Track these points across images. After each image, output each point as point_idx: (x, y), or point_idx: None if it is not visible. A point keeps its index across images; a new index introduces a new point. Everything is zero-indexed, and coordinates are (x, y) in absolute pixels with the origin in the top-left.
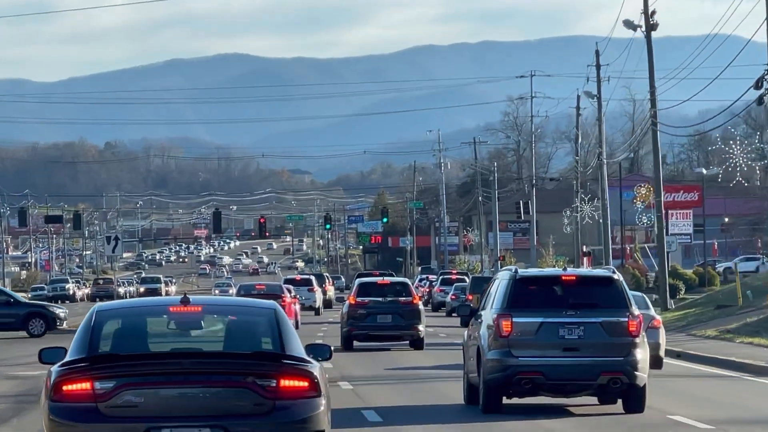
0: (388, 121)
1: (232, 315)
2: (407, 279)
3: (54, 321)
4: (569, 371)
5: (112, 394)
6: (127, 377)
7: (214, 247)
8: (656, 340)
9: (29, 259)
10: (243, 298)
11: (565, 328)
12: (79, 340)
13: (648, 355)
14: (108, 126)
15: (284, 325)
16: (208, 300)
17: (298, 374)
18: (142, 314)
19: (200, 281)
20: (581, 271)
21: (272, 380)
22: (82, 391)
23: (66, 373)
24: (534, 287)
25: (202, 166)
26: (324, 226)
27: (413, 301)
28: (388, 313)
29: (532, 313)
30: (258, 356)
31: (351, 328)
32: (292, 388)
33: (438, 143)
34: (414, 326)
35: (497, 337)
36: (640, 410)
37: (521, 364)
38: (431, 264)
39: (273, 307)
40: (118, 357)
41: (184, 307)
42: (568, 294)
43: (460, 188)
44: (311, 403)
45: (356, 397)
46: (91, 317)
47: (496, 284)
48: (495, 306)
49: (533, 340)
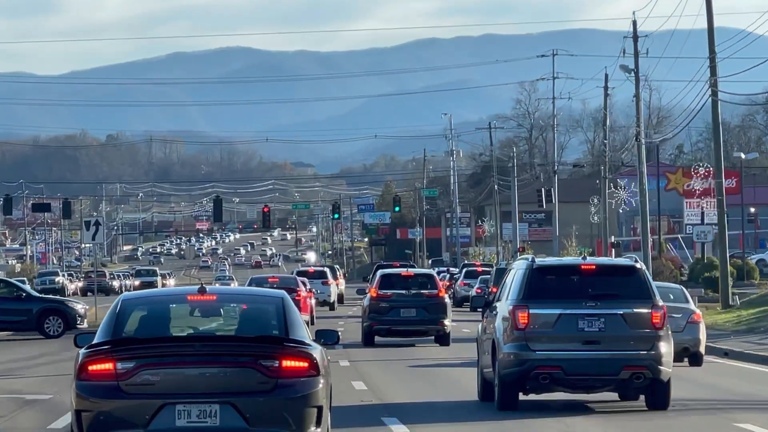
0: (391, 115)
1: (244, 303)
2: (432, 270)
3: (74, 318)
4: (589, 365)
5: (131, 373)
6: (146, 358)
7: (216, 239)
8: (696, 336)
9: (26, 252)
10: (255, 288)
11: (585, 320)
12: (105, 326)
13: (672, 348)
14: (110, 119)
15: (290, 312)
16: (223, 290)
17: (299, 356)
18: (163, 302)
19: (201, 274)
20: (602, 259)
21: (275, 361)
22: (105, 371)
23: (91, 355)
24: (552, 277)
25: (205, 159)
26: (332, 216)
27: (439, 294)
28: (412, 307)
29: (550, 304)
30: (263, 340)
31: (372, 322)
32: (293, 368)
33: (450, 129)
34: (440, 321)
35: (513, 330)
36: (664, 407)
37: (539, 358)
38: (442, 256)
39: (281, 296)
40: (137, 340)
41: (201, 296)
42: (588, 284)
43: (470, 178)
44: (311, 381)
45: (371, 393)
46: (116, 305)
47: (512, 274)
48: (511, 297)
49: (551, 333)
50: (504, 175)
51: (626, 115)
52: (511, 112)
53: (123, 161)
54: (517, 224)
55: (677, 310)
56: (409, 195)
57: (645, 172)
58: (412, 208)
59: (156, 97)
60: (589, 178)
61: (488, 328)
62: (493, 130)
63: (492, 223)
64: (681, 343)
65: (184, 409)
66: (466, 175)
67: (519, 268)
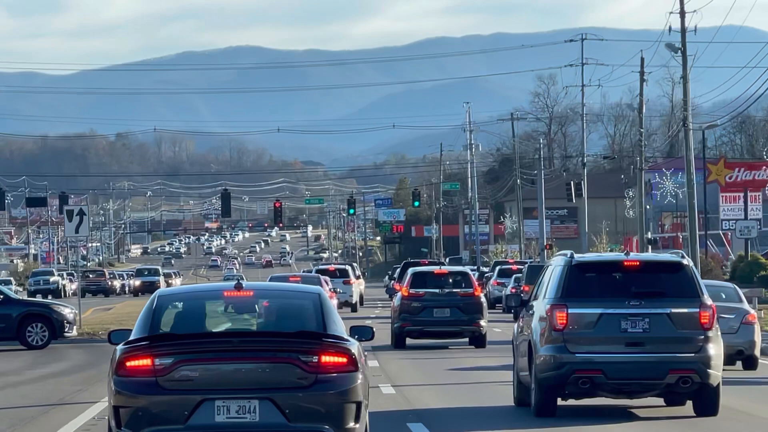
0: (402, 113)
1: (280, 299)
2: (467, 268)
3: (60, 326)
4: (633, 369)
5: (170, 369)
6: (184, 354)
7: (225, 238)
8: (751, 338)
9: (31, 251)
10: (291, 284)
11: (628, 320)
12: (142, 322)
13: (722, 350)
14: (119, 118)
15: (327, 307)
16: (260, 286)
17: (338, 351)
18: (199, 298)
19: (210, 273)
20: (646, 255)
21: (314, 356)
22: (144, 367)
23: (129, 351)
24: (592, 274)
25: (214, 158)
26: (347, 211)
27: (474, 294)
28: (445, 307)
29: (590, 303)
30: (301, 335)
31: (404, 323)
32: (332, 364)
33: (468, 121)
34: (475, 321)
35: (551, 331)
36: (713, 413)
37: (578, 360)
38: (461, 255)
39: (317, 292)
40: (175, 336)
41: (238, 292)
42: (631, 281)
43: (487, 174)
44: (350, 376)
45: (400, 397)
46: (153, 301)
47: (550, 271)
48: (548, 295)
49: (592, 334)
50: (524, 169)
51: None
52: (529, 106)
53: (132, 160)
54: (543, 220)
55: (730, 310)
56: (425, 190)
57: (693, 161)
58: (428, 205)
59: (166, 96)
60: (610, 173)
61: (524, 329)
62: (521, 118)
63: (514, 220)
64: (734, 345)
65: (223, 404)
66: (483, 171)
67: (557, 264)
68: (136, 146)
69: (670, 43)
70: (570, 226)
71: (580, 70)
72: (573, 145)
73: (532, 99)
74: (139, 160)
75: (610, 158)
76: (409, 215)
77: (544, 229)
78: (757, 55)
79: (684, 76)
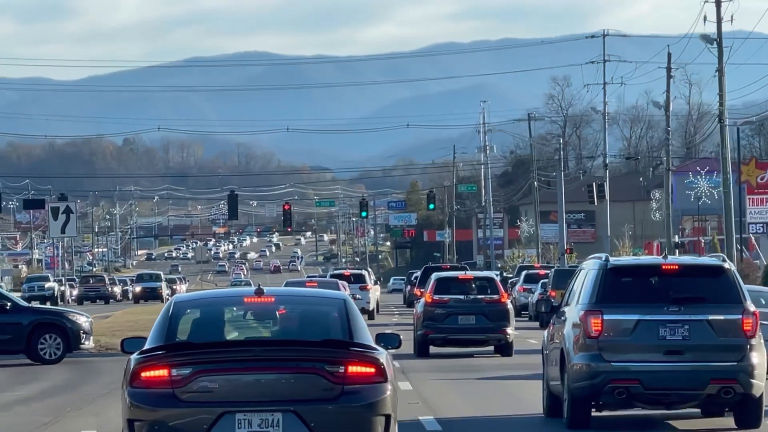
0: (410, 119)
1: (304, 305)
2: (493, 273)
3: (76, 337)
4: (672, 378)
5: (188, 380)
6: (203, 364)
7: (233, 243)
8: None
9: (35, 256)
10: (315, 289)
11: (666, 327)
12: (157, 330)
13: (765, 359)
14: (127, 124)
15: (353, 314)
16: (282, 291)
17: (366, 361)
18: (218, 304)
19: (217, 279)
20: (685, 259)
21: (340, 366)
22: (160, 378)
23: (144, 361)
24: (629, 278)
25: (222, 163)
26: (360, 214)
27: (501, 300)
28: (471, 314)
29: (627, 309)
30: (327, 344)
31: (427, 330)
32: (359, 374)
33: (482, 121)
34: (501, 329)
35: (585, 338)
36: (756, 425)
37: (614, 369)
38: (475, 259)
39: (343, 298)
40: (194, 345)
41: (258, 298)
42: (670, 286)
43: (500, 178)
44: (378, 388)
45: (424, 407)
46: (169, 308)
47: (583, 275)
48: (582, 301)
49: (628, 342)
50: (540, 171)
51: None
52: (543, 108)
53: (140, 165)
54: (564, 223)
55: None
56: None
57: (729, 158)
58: (440, 209)
59: (174, 101)
60: (626, 176)
61: (555, 336)
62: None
63: (531, 223)
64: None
65: (244, 418)
66: (496, 174)
67: (590, 268)
68: (144, 151)
69: (705, 34)
70: (587, 230)
71: (595, 71)
72: (588, 147)
73: (546, 101)
74: (147, 165)
75: (634, 159)
76: (421, 219)
77: (564, 233)
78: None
79: (719, 69)
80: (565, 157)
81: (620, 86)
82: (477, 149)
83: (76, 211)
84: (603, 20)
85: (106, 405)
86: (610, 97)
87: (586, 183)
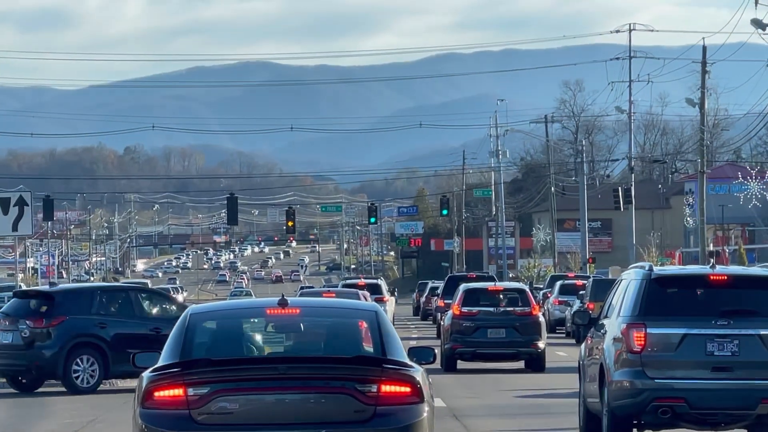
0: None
1: (332, 317)
2: (524, 285)
3: None
4: (720, 397)
5: (206, 400)
6: (222, 383)
7: (234, 252)
8: None
9: (29, 264)
10: (344, 300)
11: (714, 341)
12: (172, 344)
13: None
14: (130, 133)
15: (386, 328)
16: (307, 302)
17: (400, 379)
18: (238, 317)
19: (218, 288)
20: (734, 269)
21: (373, 385)
22: (175, 398)
23: (158, 379)
24: (674, 289)
25: (224, 172)
26: (369, 220)
27: (532, 312)
28: (501, 327)
29: (672, 323)
30: (358, 360)
31: (455, 344)
32: (393, 394)
33: (495, 124)
34: (533, 343)
35: (627, 353)
36: None
37: (658, 387)
38: (487, 270)
39: (374, 309)
40: (212, 362)
41: (282, 310)
42: (718, 298)
43: (510, 185)
44: (414, 409)
45: (460, 426)
46: (184, 320)
47: (624, 286)
48: (624, 313)
49: (674, 357)
50: (547, 179)
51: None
52: (556, 113)
53: (141, 174)
54: (586, 231)
55: None
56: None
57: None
58: (448, 217)
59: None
60: (642, 183)
61: (594, 350)
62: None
63: (548, 231)
64: None
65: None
66: (506, 182)
67: (632, 278)
68: (145, 160)
69: (756, 19)
70: (603, 239)
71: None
72: (601, 154)
73: (558, 106)
74: (149, 173)
75: (661, 162)
76: (428, 228)
77: (586, 241)
78: None
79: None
80: (575, 164)
81: (647, 84)
82: (489, 153)
83: (32, 203)
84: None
85: None
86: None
87: (601, 190)
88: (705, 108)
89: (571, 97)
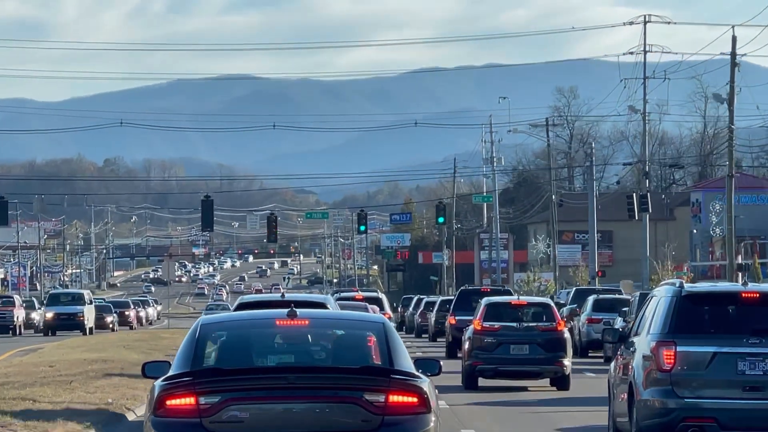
0: (394, 143)
1: (340, 329)
2: (549, 299)
3: None
4: (751, 418)
5: (217, 409)
6: (233, 392)
7: (213, 265)
8: None
9: (0, 276)
10: (351, 312)
11: (746, 360)
12: (183, 354)
13: None
14: (109, 146)
15: (393, 339)
16: (316, 314)
17: (408, 390)
18: (248, 327)
19: (196, 302)
20: (767, 286)
21: (381, 395)
22: (187, 406)
23: (169, 388)
24: (705, 307)
25: (204, 185)
26: (358, 228)
27: (557, 328)
28: (524, 343)
29: (702, 341)
30: (366, 371)
31: (476, 361)
32: (401, 404)
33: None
34: (557, 360)
35: (657, 371)
36: None
37: (688, 406)
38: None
39: (381, 321)
40: (223, 371)
41: (291, 321)
42: (750, 316)
43: (502, 196)
44: (421, 419)
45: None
46: (195, 330)
47: (654, 303)
48: (653, 331)
49: (704, 376)
50: (542, 190)
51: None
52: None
53: (122, 187)
54: (595, 242)
55: None
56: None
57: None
58: (436, 228)
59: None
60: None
61: (624, 368)
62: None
63: (548, 243)
64: None
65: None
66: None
67: (662, 295)
68: (125, 172)
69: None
70: (604, 252)
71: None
72: (597, 165)
73: (551, 113)
74: (128, 186)
75: (678, 167)
76: (415, 240)
77: (595, 253)
78: None
79: None
80: (570, 174)
81: (664, 80)
82: (483, 160)
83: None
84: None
85: None
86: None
87: (602, 201)
88: (734, 105)
89: (565, 104)
